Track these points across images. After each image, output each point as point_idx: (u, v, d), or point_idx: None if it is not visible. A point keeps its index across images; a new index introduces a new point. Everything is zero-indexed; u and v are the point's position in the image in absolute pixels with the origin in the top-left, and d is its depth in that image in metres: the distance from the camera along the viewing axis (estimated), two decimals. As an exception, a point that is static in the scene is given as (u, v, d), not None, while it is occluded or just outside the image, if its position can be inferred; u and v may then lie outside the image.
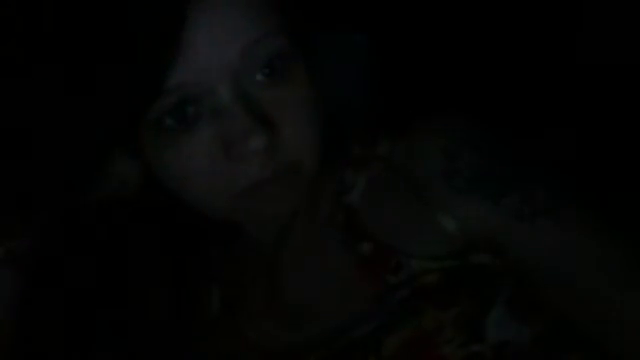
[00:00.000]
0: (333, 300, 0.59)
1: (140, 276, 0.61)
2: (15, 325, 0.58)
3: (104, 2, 0.49)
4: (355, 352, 0.56)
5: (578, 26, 0.83)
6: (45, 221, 0.58)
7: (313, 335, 0.59)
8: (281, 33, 0.51)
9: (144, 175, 0.56)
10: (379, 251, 0.58)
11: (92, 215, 0.58)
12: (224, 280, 0.65)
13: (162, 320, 0.62)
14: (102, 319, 0.60)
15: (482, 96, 0.82)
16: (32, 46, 0.51)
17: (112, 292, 0.60)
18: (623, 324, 0.55)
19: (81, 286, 0.59)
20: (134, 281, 0.61)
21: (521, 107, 0.81)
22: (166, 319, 0.62)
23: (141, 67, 0.49)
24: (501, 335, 0.55)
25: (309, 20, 0.59)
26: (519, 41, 0.85)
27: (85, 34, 0.49)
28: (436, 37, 0.87)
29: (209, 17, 0.49)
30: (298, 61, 0.53)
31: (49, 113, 0.52)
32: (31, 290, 0.59)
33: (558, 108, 0.82)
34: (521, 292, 0.57)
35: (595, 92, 0.82)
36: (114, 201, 0.58)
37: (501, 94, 0.83)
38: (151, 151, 0.53)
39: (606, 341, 0.55)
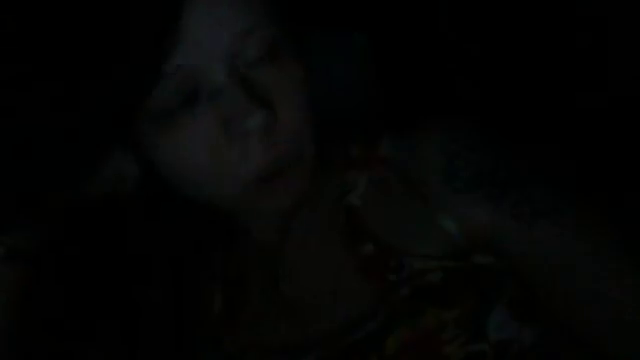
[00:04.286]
0: (335, 300, 0.59)
1: (141, 275, 0.61)
2: (16, 324, 0.58)
3: None
4: (357, 352, 0.56)
5: (579, 28, 0.83)
6: (46, 220, 0.58)
7: (315, 335, 0.59)
8: (275, 23, 0.52)
9: (143, 171, 0.56)
10: (380, 251, 0.58)
11: (93, 214, 0.58)
12: (226, 280, 0.65)
13: (164, 320, 0.62)
14: (103, 319, 0.60)
15: (482, 96, 0.82)
16: (30, 32, 0.51)
17: (113, 291, 0.60)
18: (622, 324, 0.55)
19: (82, 286, 0.59)
20: (135, 280, 0.61)
21: (521, 108, 0.81)
22: (168, 318, 0.62)
23: (141, 51, 0.49)
24: (502, 335, 0.55)
25: (308, 20, 0.60)
26: (519, 42, 0.85)
27: (84, 19, 0.49)
28: (437, 37, 0.87)
29: (202, 1, 0.49)
30: (292, 51, 0.54)
31: (48, 102, 0.52)
32: (32, 289, 0.59)
33: (558, 109, 0.83)
34: (522, 292, 0.57)
35: (595, 93, 0.83)
36: (115, 200, 0.58)
37: (501, 95, 0.83)
38: (150, 141, 0.53)
39: (606, 341, 0.56)
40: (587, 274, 0.55)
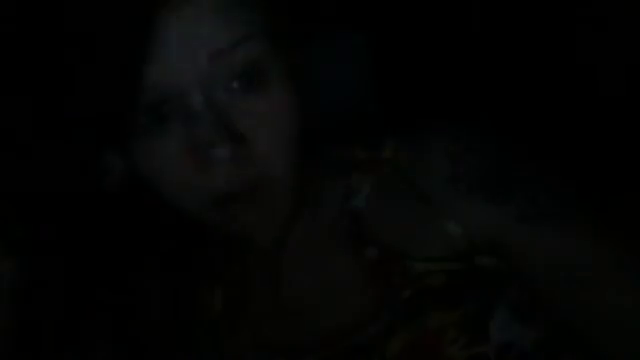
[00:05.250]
0: (337, 302, 0.59)
1: (140, 275, 0.61)
2: (14, 320, 0.58)
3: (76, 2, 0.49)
4: (359, 354, 0.56)
5: (578, 29, 0.84)
6: (44, 217, 0.58)
7: (316, 336, 0.59)
8: (256, 40, 0.51)
9: (127, 168, 0.56)
10: (384, 254, 0.58)
11: (91, 214, 0.58)
12: (227, 280, 0.65)
13: (163, 319, 0.62)
14: (102, 318, 0.60)
15: (485, 99, 0.82)
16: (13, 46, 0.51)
17: (112, 290, 0.60)
18: (624, 327, 0.55)
19: (81, 284, 0.59)
20: (134, 280, 0.61)
21: (524, 110, 0.81)
22: (167, 318, 0.62)
23: (114, 63, 0.48)
24: (504, 337, 0.55)
25: (301, 22, 0.59)
26: (521, 44, 0.85)
27: (58, 33, 0.49)
28: (438, 38, 0.88)
29: (178, 17, 0.48)
30: (276, 69, 0.52)
31: (30, 114, 0.52)
32: (30, 286, 0.59)
33: (560, 111, 0.83)
34: (524, 294, 0.57)
35: (596, 95, 0.83)
36: (113, 199, 0.58)
37: (504, 97, 0.83)
38: (130, 144, 0.53)
39: (606, 344, 0.56)
40: (589, 277, 0.56)
